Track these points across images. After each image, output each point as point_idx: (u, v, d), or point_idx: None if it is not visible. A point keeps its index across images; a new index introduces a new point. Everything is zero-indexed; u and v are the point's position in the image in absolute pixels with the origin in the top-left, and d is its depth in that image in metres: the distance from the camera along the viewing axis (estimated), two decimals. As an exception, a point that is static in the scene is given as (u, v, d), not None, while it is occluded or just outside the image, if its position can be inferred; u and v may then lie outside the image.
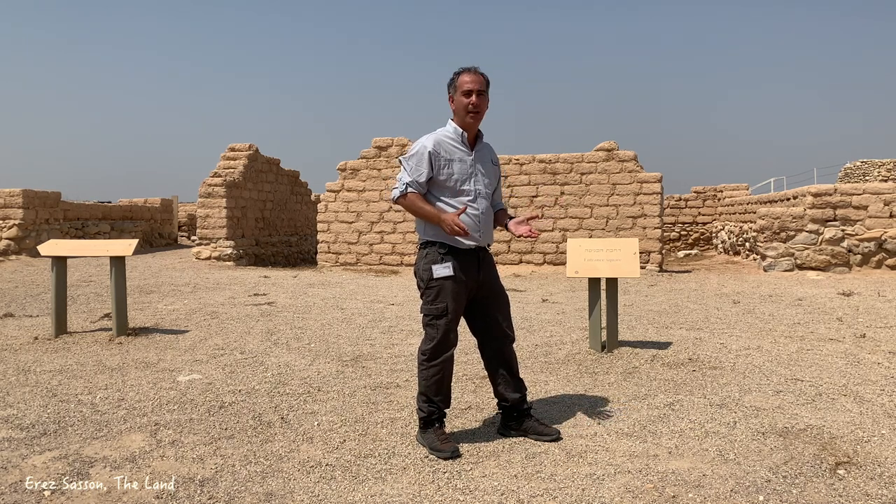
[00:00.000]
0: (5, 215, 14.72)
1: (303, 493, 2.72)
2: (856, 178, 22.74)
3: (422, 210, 3.16)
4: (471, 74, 3.20)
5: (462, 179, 3.21)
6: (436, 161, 3.17)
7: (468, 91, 3.16)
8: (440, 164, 3.17)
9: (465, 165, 3.22)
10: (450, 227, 3.04)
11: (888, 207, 11.33)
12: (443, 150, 3.18)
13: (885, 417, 3.58)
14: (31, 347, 5.46)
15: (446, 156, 3.19)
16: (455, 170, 3.19)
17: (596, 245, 5.47)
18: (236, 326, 6.48)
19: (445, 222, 3.05)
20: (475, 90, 3.16)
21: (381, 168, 13.96)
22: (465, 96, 3.17)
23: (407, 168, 3.19)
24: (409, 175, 3.17)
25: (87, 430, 3.43)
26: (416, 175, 3.16)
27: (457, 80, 3.21)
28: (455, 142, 3.22)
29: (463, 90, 3.17)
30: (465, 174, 3.22)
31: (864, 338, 5.75)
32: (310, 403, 3.91)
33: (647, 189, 12.68)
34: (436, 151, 3.17)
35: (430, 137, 3.21)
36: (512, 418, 3.36)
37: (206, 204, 14.73)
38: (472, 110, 3.17)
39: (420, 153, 3.16)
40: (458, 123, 3.25)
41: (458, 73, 3.22)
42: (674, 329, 6.29)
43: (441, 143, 3.19)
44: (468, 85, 3.17)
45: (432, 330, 3.17)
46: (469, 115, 3.19)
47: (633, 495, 2.67)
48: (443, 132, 3.25)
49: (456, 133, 3.24)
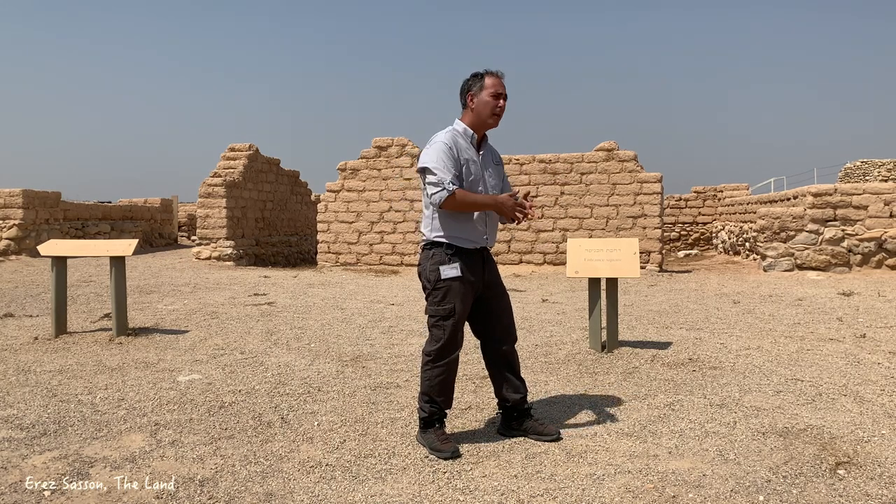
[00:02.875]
0: (5, 215, 14.72)
1: (303, 493, 2.72)
2: (856, 178, 22.74)
3: (477, 201, 3.10)
4: (498, 79, 3.23)
5: (476, 179, 3.20)
6: (457, 157, 3.16)
7: (498, 94, 3.19)
8: (460, 161, 3.17)
9: (477, 166, 3.22)
10: (511, 211, 3.07)
11: (888, 207, 11.32)
12: (458, 149, 3.18)
13: (885, 417, 3.58)
14: (31, 347, 5.46)
15: (462, 154, 3.18)
16: (471, 170, 3.20)
17: (596, 245, 5.47)
18: (236, 326, 6.48)
19: (506, 205, 3.07)
20: (504, 94, 3.21)
21: (381, 168, 13.95)
22: (493, 98, 3.18)
23: (439, 166, 3.07)
24: (446, 171, 3.06)
25: (87, 430, 3.43)
26: (450, 173, 3.08)
27: (484, 81, 3.21)
28: (465, 142, 3.22)
29: (492, 92, 3.18)
30: (479, 175, 3.22)
31: (864, 338, 5.75)
32: (310, 403, 3.92)
33: (647, 189, 12.68)
34: (456, 148, 3.16)
35: (446, 135, 3.18)
36: (512, 418, 3.36)
37: (206, 204, 14.73)
38: (499, 113, 3.21)
39: (444, 150, 3.11)
40: (469, 123, 3.23)
41: (484, 75, 3.22)
42: (674, 329, 6.29)
43: (455, 142, 3.18)
44: (499, 88, 3.20)
45: (439, 331, 3.17)
46: (492, 117, 3.21)
47: (633, 495, 2.67)
48: (454, 132, 3.22)
49: (466, 133, 3.23)
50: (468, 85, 3.25)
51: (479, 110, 3.20)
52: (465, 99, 3.25)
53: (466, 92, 3.24)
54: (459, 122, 3.26)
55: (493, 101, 3.19)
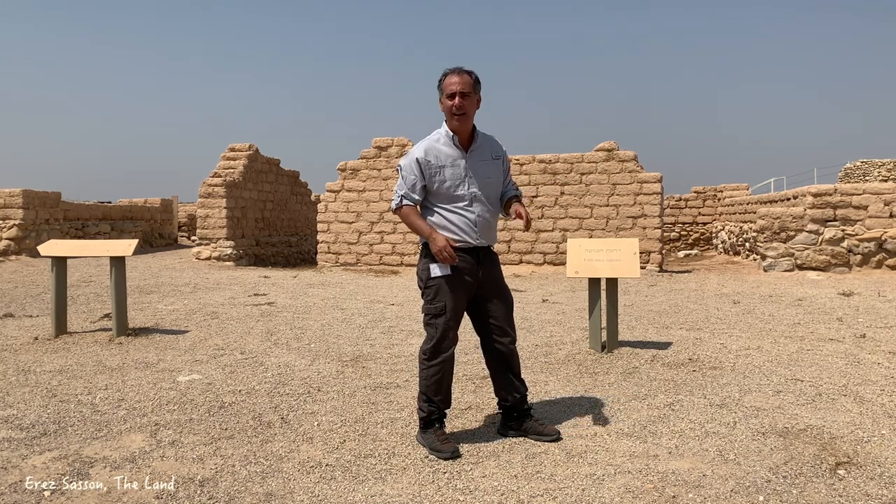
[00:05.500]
0: (5, 215, 14.72)
1: (303, 493, 2.72)
2: (856, 178, 22.73)
3: (414, 224, 3.20)
4: (456, 75, 3.15)
5: (455, 185, 3.19)
6: (426, 169, 3.16)
7: (451, 93, 3.13)
8: (431, 171, 3.17)
9: (458, 170, 3.19)
10: (438, 252, 3.08)
11: (888, 207, 11.32)
12: (433, 158, 3.16)
13: (885, 417, 3.58)
14: (31, 347, 5.46)
15: (437, 163, 3.17)
16: (447, 176, 3.17)
17: (596, 245, 5.47)
18: (236, 326, 6.48)
19: (435, 244, 3.09)
20: (458, 92, 3.12)
21: (381, 168, 13.96)
22: (449, 98, 3.14)
23: (400, 179, 3.22)
24: (403, 186, 3.20)
25: (87, 431, 3.43)
26: (409, 186, 3.18)
27: (442, 83, 3.19)
28: (447, 146, 3.20)
29: (447, 92, 3.15)
30: (458, 179, 3.19)
31: (864, 338, 5.75)
32: (310, 403, 3.92)
33: (647, 189, 12.68)
34: (426, 160, 3.16)
35: (420, 146, 3.21)
36: (512, 418, 3.36)
37: (206, 204, 14.73)
38: (457, 112, 3.14)
39: (410, 164, 3.17)
40: (449, 126, 3.24)
41: (444, 75, 3.19)
42: (674, 329, 6.29)
43: (431, 149, 3.18)
44: (452, 87, 3.14)
45: (431, 329, 3.18)
46: (455, 118, 3.16)
47: (633, 495, 2.67)
48: (434, 137, 3.24)
49: (447, 136, 3.22)
50: (437, 89, 3.25)
51: (445, 113, 3.21)
52: (439, 103, 3.25)
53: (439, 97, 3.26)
54: (444, 126, 3.26)
55: (448, 101, 3.15)
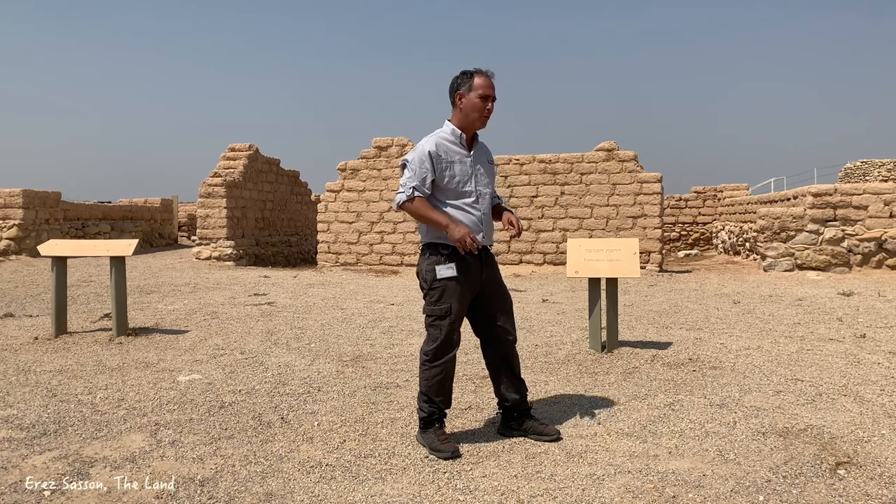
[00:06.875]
0: (5, 215, 14.72)
1: (303, 493, 2.72)
2: (856, 178, 22.73)
3: (429, 215, 3.13)
4: (488, 79, 3.19)
5: (463, 181, 3.20)
6: (437, 163, 3.16)
7: (487, 96, 3.17)
8: (441, 166, 3.17)
9: (465, 167, 3.22)
10: (460, 240, 3.03)
11: (888, 207, 11.32)
12: (443, 152, 3.17)
13: (885, 417, 3.58)
14: (31, 347, 5.46)
15: (447, 158, 3.18)
16: (456, 171, 3.19)
17: (596, 245, 5.47)
18: (236, 326, 6.48)
19: (455, 235, 3.04)
20: (493, 97, 3.19)
21: (381, 168, 13.95)
22: (482, 100, 3.16)
23: (410, 172, 3.16)
24: (414, 178, 3.14)
25: (87, 430, 3.43)
26: (420, 178, 3.14)
27: (473, 82, 3.18)
28: (454, 143, 3.22)
29: (481, 93, 3.16)
30: (466, 175, 3.22)
31: (864, 338, 5.75)
32: (310, 403, 3.92)
33: (647, 189, 12.68)
34: (437, 153, 3.16)
35: (429, 140, 3.20)
36: (512, 418, 3.36)
37: (206, 204, 14.73)
38: (487, 115, 3.19)
39: (422, 156, 3.15)
40: (457, 124, 3.23)
41: (474, 74, 3.19)
42: (674, 329, 6.29)
43: (440, 145, 3.19)
44: (487, 90, 3.17)
45: (435, 331, 3.17)
46: (480, 119, 3.20)
47: (633, 495, 2.67)
48: (441, 134, 3.23)
49: (454, 134, 3.23)
50: (457, 83, 3.23)
51: (468, 111, 3.20)
52: (455, 98, 3.24)
53: (455, 91, 3.23)
54: (448, 124, 3.26)
55: (481, 103, 3.17)
